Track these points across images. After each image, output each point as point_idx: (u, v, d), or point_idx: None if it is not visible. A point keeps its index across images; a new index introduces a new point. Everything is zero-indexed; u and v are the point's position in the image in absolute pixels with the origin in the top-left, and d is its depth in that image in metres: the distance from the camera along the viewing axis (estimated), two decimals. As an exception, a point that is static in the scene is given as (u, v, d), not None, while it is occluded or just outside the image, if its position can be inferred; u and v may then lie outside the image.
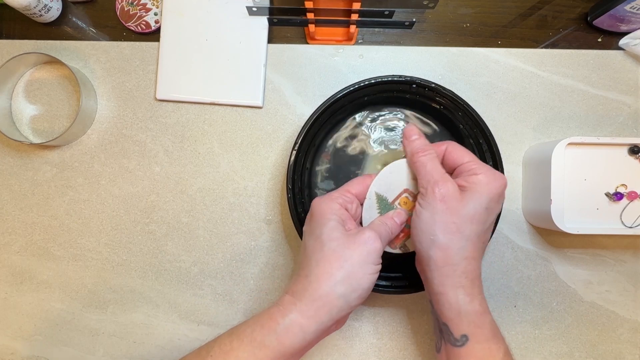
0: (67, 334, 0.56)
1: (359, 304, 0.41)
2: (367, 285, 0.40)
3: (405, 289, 0.50)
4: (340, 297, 0.39)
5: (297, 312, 0.39)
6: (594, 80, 0.57)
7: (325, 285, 0.39)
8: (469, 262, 0.40)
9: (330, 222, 0.42)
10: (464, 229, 0.40)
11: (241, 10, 0.56)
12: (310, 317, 0.39)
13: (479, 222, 0.40)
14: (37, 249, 0.56)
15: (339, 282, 0.39)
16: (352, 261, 0.39)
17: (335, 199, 0.43)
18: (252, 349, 0.39)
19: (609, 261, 0.55)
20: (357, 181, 0.46)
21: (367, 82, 0.50)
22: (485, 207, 0.40)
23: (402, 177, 0.45)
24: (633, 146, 0.50)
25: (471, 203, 0.40)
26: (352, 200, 0.44)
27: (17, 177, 0.57)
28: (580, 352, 0.55)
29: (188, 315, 0.56)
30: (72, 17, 0.59)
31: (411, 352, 0.55)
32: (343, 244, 0.40)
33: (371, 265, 0.40)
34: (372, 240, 0.41)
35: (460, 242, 0.40)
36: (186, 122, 0.57)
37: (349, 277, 0.39)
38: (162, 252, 0.56)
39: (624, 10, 0.52)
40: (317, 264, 0.40)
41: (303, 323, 0.39)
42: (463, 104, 0.50)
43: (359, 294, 0.40)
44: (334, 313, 0.39)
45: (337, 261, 0.39)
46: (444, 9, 0.58)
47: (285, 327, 0.39)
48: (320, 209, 0.43)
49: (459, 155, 0.43)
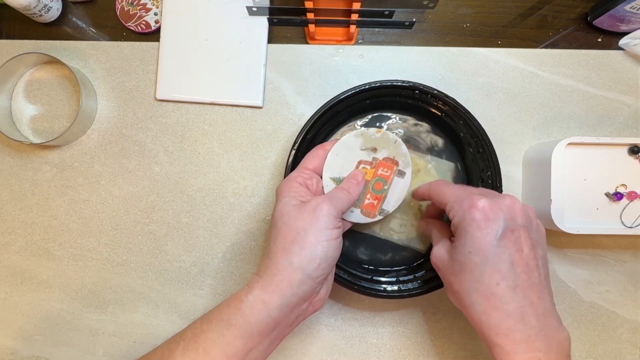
0: (67, 334, 0.56)
1: (320, 275, 0.40)
2: (323, 252, 0.39)
3: (417, 291, 0.50)
4: (297, 268, 0.39)
5: (259, 288, 0.39)
6: (594, 80, 0.57)
7: (282, 259, 0.39)
8: (490, 316, 0.37)
9: (284, 199, 0.42)
10: (460, 282, 0.39)
11: (241, 10, 0.56)
12: (272, 292, 0.39)
13: (470, 270, 0.38)
14: (37, 249, 0.56)
15: (294, 253, 0.39)
16: (305, 231, 0.39)
17: (293, 178, 0.44)
18: (220, 329, 0.39)
19: (609, 261, 0.55)
20: (312, 154, 0.46)
21: (369, 86, 0.50)
22: (469, 251, 0.38)
23: (351, 153, 0.46)
24: (633, 146, 0.50)
25: (458, 252, 0.39)
26: (310, 176, 0.44)
27: (17, 177, 0.57)
28: (580, 352, 0.55)
29: (188, 315, 0.56)
30: (72, 17, 0.59)
31: (411, 352, 0.55)
32: (294, 216, 0.40)
33: (324, 231, 0.39)
34: (321, 205, 0.40)
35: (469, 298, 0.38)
36: (186, 122, 0.57)
37: (303, 248, 0.39)
38: (162, 252, 0.56)
39: (624, 10, 0.52)
40: (274, 241, 0.40)
41: (265, 298, 0.39)
42: (464, 112, 0.50)
43: (317, 264, 0.39)
44: (294, 286, 0.39)
45: (290, 234, 0.39)
46: (444, 9, 0.58)
47: (249, 304, 0.39)
48: (279, 190, 0.44)
49: (438, 198, 0.43)
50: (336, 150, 0.46)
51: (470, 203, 0.38)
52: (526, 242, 0.38)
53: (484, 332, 0.38)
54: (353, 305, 0.55)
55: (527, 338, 0.36)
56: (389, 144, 0.46)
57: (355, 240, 0.53)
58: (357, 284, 0.50)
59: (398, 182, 0.47)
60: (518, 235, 0.38)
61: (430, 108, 0.52)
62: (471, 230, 0.38)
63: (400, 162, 0.46)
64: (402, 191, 0.47)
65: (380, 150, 0.46)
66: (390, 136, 0.46)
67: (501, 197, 0.39)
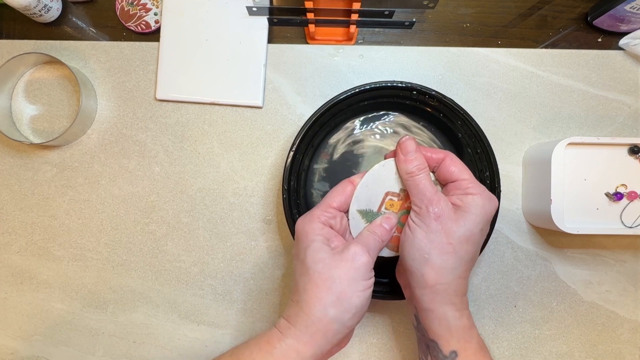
0: (67, 334, 0.56)
1: (355, 323, 0.40)
2: (360, 303, 0.39)
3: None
4: (333, 320, 0.38)
5: (292, 337, 0.38)
6: (594, 80, 0.57)
7: (316, 310, 0.38)
8: (460, 281, 0.40)
9: (314, 243, 0.40)
10: (459, 249, 0.40)
11: (241, 10, 0.56)
12: (307, 342, 0.38)
13: (473, 243, 0.40)
14: (37, 249, 0.56)
15: (329, 305, 0.38)
16: (340, 281, 0.38)
17: (317, 218, 0.42)
18: None
19: (609, 261, 0.55)
20: (337, 192, 0.44)
21: (368, 87, 0.50)
22: (480, 229, 0.41)
23: (380, 184, 0.44)
24: (633, 146, 0.50)
25: (467, 224, 0.40)
26: (335, 216, 0.43)
27: (17, 177, 0.57)
28: (580, 352, 0.55)
29: (188, 315, 0.56)
30: (72, 17, 0.59)
31: (411, 352, 0.55)
32: (329, 265, 0.39)
33: (361, 282, 0.39)
34: (359, 255, 0.39)
35: (455, 263, 0.40)
36: (186, 122, 0.57)
37: (339, 299, 0.38)
38: (162, 252, 0.56)
39: (624, 10, 0.52)
40: (305, 290, 0.39)
41: (299, 348, 0.38)
42: (463, 113, 0.50)
43: (353, 314, 0.39)
44: (329, 336, 0.38)
45: (325, 284, 0.38)
46: (444, 9, 0.58)
47: (282, 351, 0.38)
48: (303, 230, 0.42)
49: (457, 170, 0.42)
50: (365, 182, 0.44)
51: (489, 196, 0.41)
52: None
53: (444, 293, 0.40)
54: (353, 305, 0.55)
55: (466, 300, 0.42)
56: None
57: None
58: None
59: None
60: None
61: (429, 109, 0.52)
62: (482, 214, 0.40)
63: None
64: None
65: None
66: None
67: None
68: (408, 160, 0.42)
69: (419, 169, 0.42)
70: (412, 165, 0.42)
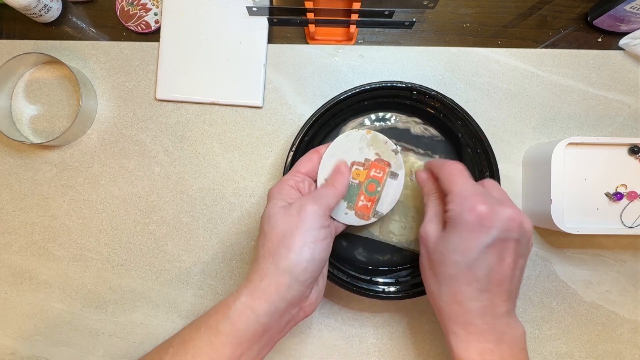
0: (67, 334, 0.56)
1: (308, 278, 0.39)
2: (309, 255, 0.38)
3: (408, 293, 0.50)
4: (284, 272, 0.38)
5: (247, 294, 0.38)
6: (594, 80, 0.57)
7: (269, 263, 0.38)
8: (453, 308, 0.39)
9: (273, 201, 0.41)
10: (439, 271, 0.40)
11: (241, 10, 0.56)
12: (260, 297, 0.38)
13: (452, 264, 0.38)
14: (37, 249, 0.56)
15: (280, 257, 0.38)
16: (291, 233, 0.38)
17: (285, 181, 0.43)
18: (208, 336, 0.38)
19: (609, 261, 0.55)
20: (306, 159, 0.45)
21: (368, 87, 0.50)
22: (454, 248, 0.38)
23: (345, 154, 0.46)
24: (633, 146, 0.50)
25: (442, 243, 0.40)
26: (303, 179, 0.44)
27: (17, 177, 0.57)
28: (580, 352, 0.55)
29: (188, 315, 0.56)
30: (72, 17, 0.59)
31: (411, 352, 0.55)
32: (280, 218, 0.39)
33: (310, 231, 0.39)
34: (305, 206, 0.39)
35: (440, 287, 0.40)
36: (186, 122, 0.57)
37: (289, 250, 0.38)
38: (162, 252, 0.56)
39: (624, 10, 0.52)
40: (262, 245, 0.40)
41: (253, 304, 0.38)
42: (463, 113, 0.50)
43: (304, 267, 0.38)
44: (282, 291, 0.38)
45: (276, 236, 0.39)
46: (444, 9, 0.58)
47: (237, 310, 0.38)
48: (270, 192, 0.43)
49: (447, 183, 0.41)
50: (330, 152, 0.46)
51: (471, 204, 0.38)
52: (511, 253, 0.38)
53: (443, 318, 0.40)
54: (353, 306, 0.55)
55: (481, 331, 0.38)
56: (379, 144, 0.46)
57: (353, 242, 0.53)
58: (356, 285, 0.50)
59: (391, 184, 0.46)
60: (507, 246, 0.38)
61: (428, 108, 0.52)
62: (462, 230, 0.38)
63: (392, 163, 0.46)
64: (395, 193, 0.47)
65: (372, 151, 0.46)
66: (380, 137, 0.46)
67: (504, 206, 0.38)
68: (421, 187, 0.46)
69: (427, 195, 0.45)
70: (424, 191, 0.45)
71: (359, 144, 0.46)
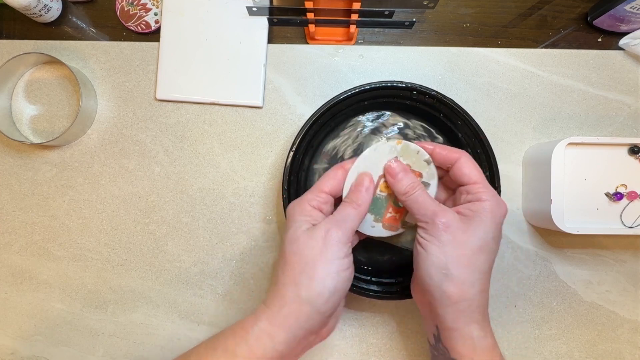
0: (67, 334, 0.56)
1: (329, 309, 0.38)
2: (332, 286, 0.37)
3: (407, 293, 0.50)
4: (306, 302, 0.37)
5: (266, 320, 0.38)
6: (594, 80, 0.57)
7: (290, 291, 0.37)
8: (483, 296, 0.39)
9: (296, 223, 0.39)
10: (475, 260, 0.38)
11: (241, 10, 0.56)
12: (279, 325, 0.37)
13: (489, 252, 0.39)
14: (37, 249, 0.56)
15: (302, 286, 0.37)
16: (313, 262, 0.37)
17: (307, 201, 0.41)
18: (224, 359, 0.37)
19: (609, 261, 0.55)
20: (329, 176, 0.42)
21: (368, 87, 0.50)
22: (492, 237, 0.39)
23: (373, 167, 0.43)
24: (633, 146, 0.50)
25: (477, 233, 0.38)
26: (326, 201, 0.41)
27: (17, 177, 0.57)
28: (580, 352, 0.55)
29: (188, 315, 0.56)
30: (72, 17, 0.59)
31: (411, 352, 0.55)
32: (303, 244, 0.38)
33: (335, 261, 0.37)
34: (330, 232, 0.37)
35: (474, 275, 0.38)
36: (186, 122, 0.57)
37: (312, 280, 0.37)
38: (162, 252, 0.56)
39: (624, 10, 0.52)
40: (282, 270, 0.38)
41: (272, 331, 0.37)
42: (463, 113, 0.50)
43: (327, 298, 0.37)
44: (302, 321, 0.37)
45: (298, 264, 0.37)
46: (444, 9, 0.58)
47: (255, 335, 0.37)
48: (291, 212, 0.41)
49: (468, 172, 0.41)
50: (357, 167, 0.43)
51: (499, 199, 0.40)
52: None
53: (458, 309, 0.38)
54: (353, 306, 0.55)
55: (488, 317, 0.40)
56: (410, 155, 0.43)
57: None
58: (357, 286, 0.50)
59: None
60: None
61: (429, 108, 0.52)
62: (488, 221, 0.39)
63: (425, 173, 0.43)
64: None
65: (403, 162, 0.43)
66: (412, 147, 0.43)
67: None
68: (398, 181, 0.41)
69: (412, 187, 0.41)
70: (404, 185, 0.41)
71: (388, 156, 0.43)
